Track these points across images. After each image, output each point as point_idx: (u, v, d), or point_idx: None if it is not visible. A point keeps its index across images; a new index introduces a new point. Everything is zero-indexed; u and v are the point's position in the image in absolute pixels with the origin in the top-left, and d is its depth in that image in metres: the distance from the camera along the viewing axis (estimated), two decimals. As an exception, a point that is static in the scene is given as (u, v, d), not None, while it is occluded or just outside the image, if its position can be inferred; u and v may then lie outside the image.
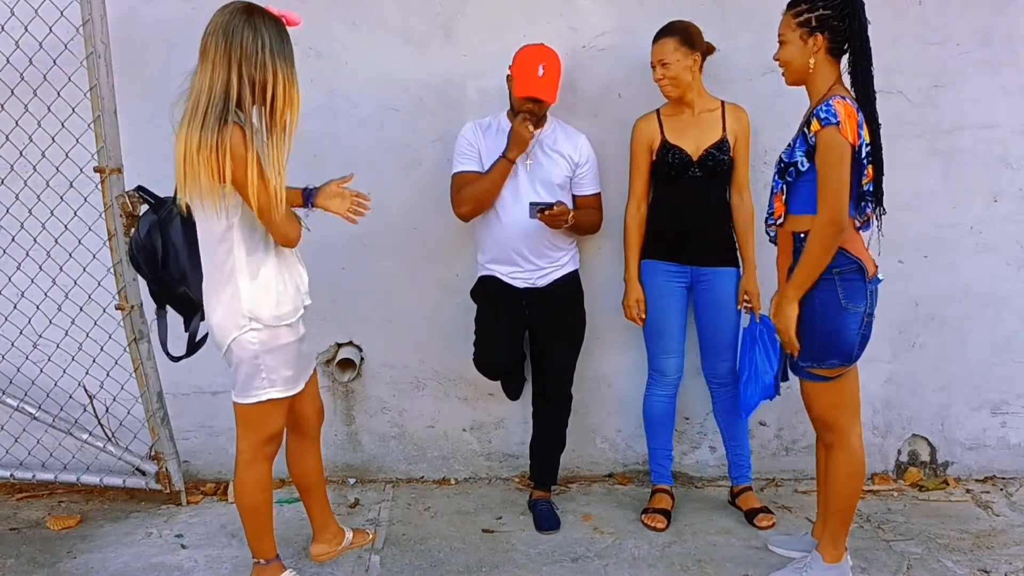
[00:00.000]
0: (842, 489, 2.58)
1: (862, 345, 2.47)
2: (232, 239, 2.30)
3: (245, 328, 2.33)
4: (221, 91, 2.16)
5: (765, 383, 2.88)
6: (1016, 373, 3.44)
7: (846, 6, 2.40)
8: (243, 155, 2.15)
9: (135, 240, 2.52)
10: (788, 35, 2.46)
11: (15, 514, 3.21)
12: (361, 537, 2.95)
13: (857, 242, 2.46)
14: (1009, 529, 3.09)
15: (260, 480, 2.49)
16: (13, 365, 3.25)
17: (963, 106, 3.26)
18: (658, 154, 3.01)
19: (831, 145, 2.34)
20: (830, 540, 2.63)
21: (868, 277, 2.43)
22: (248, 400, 2.42)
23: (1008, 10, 3.21)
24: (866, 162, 2.40)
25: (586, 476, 3.51)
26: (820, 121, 2.35)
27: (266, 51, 2.18)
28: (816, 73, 2.45)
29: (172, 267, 2.47)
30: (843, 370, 2.49)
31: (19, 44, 2.95)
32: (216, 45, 2.17)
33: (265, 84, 2.19)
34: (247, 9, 2.21)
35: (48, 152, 3.05)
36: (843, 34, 2.41)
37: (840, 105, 2.34)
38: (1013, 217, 3.33)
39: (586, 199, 3.07)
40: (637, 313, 3.11)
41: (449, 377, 3.42)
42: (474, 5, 3.17)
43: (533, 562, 2.87)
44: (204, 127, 2.14)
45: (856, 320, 2.43)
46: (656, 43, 2.94)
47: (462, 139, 3.02)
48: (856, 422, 2.59)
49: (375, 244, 3.30)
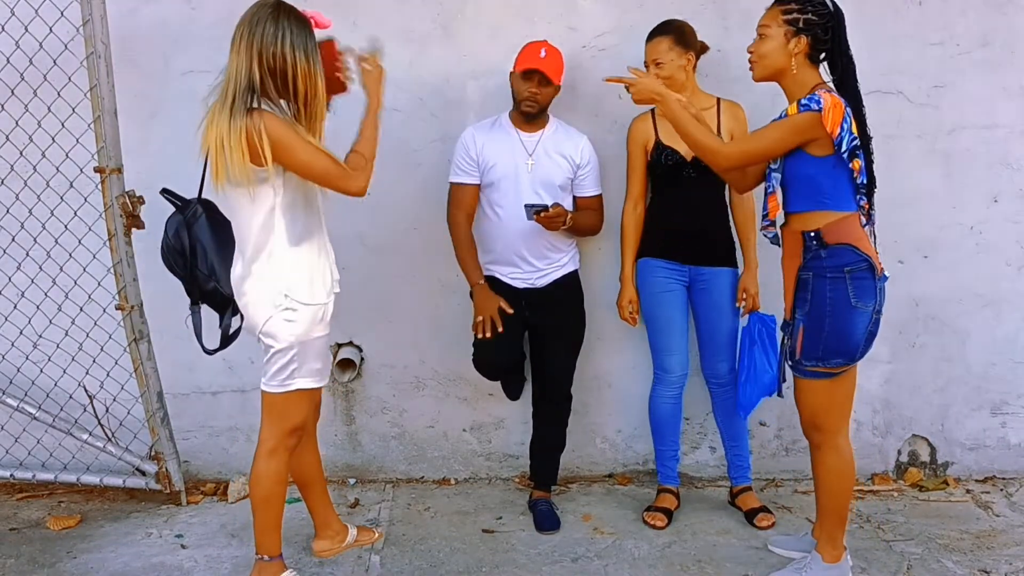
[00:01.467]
0: (834, 490, 2.58)
1: (867, 343, 2.46)
2: (273, 222, 2.35)
3: (281, 306, 2.37)
4: (246, 79, 2.23)
5: (764, 382, 2.88)
6: (1016, 373, 3.44)
7: (831, 20, 2.40)
8: (283, 132, 2.23)
9: (164, 242, 2.57)
10: (772, 30, 2.44)
11: (15, 514, 3.21)
12: (367, 535, 2.95)
13: (864, 240, 2.44)
14: (1009, 529, 3.09)
15: (279, 472, 2.51)
16: (13, 365, 3.25)
17: (963, 106, 3.26)
18: (652, 155, 3.01)
19: (796, 120, 2.35)
20: (828, 540, 2.63)
21: (877, 275, 2.42)
22: (279, 389, 2.45)
23: (1008, 10, 3.21)
24: (855, 155, 2.38)
25: (586, 476, 3.51)
26: (800, 106, 2.34)
27: (285, 44, 2.24)
28: (797, 76, 2.43)
29: (201, 264, 2.52)
30: (844, 368, 2.48)
31: (19, 44, 2.95)
32: (241, 35, 2.26)
33: (286, 75, 2.26)
34: (276, 4, 2.29)
35: (48, 152, 3.05)
36: (823, 44, 2.42)
37: (827, 96, 2.33)
38: (1013, 217, 3.33)
39: (587, 200, 3.08)
40: (630, 313, 3.11)
41: (449, 377, 3.42)
42: (474, 5, 3.17)
43: (533, 562, 2.87)
44: (234, 113, 2.21)
45: (865, 319, 2.42)
46: (649, 43, 2.93)
47: (460, 147, 3.03)
48: (845, 424, 2.58)
49: (375, 244, 3.30)
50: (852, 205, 2.43)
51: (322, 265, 2.47)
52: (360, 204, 3.17)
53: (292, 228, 2.38)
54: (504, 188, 2.98)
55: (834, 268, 2.40)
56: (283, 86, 2.28)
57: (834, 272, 2.40)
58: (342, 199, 2.45)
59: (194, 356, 2.64)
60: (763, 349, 2.92)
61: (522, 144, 2.99)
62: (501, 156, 2.97)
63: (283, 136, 2.23)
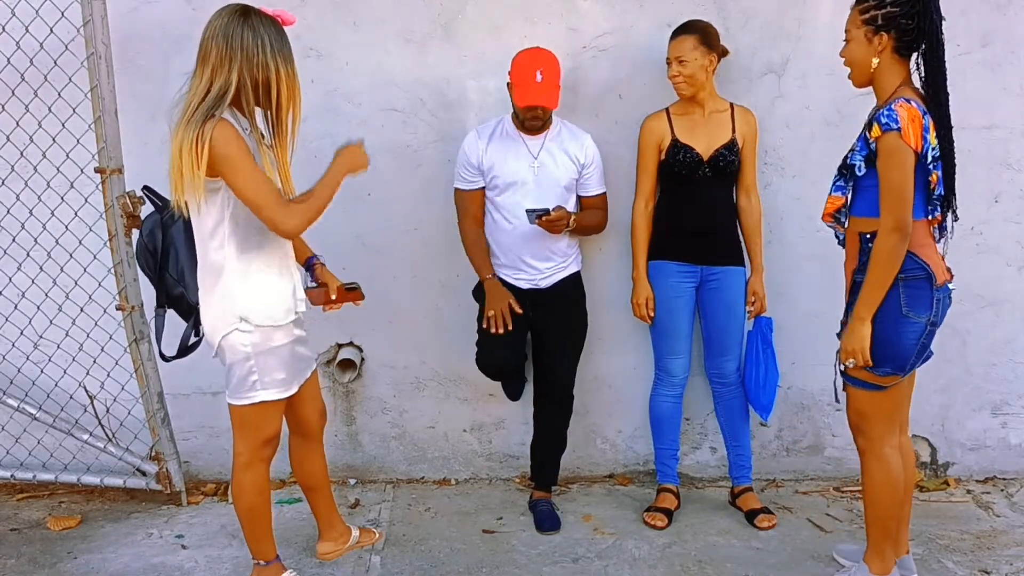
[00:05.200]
0: (876, 500, 2.48)
1: (920, 355, 2.36)
2: (223, 235, 2.28)
3: (234, 327, 2.32)
4: (217, 93, 2.17)
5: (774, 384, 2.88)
6: (1017, 374, 3.43)
7: (917, 3, 2.27)
8: (228, 147, 2.14)
9: (138, 240, 2.52)
10: (853, 32, 2.34)
11: (16, 514, 3.21)
12: (368, 536, 2.94)
13: (928, 247, 2.35)
14: (1010, 530, 3.09)
15: (257, 483, 2.48)
16: (14, 366, 3.26)
17: (963, 106, 3.22)
18: (668, 153, 3.01)
19: (891, 151, 2.24)
20: (875, 551, 2.53)
21: (936, 285, 2.33)
22: (241, 402, 2.40)
23: (1008, 10, 3.20)
24: (932, 167, 2.28)
25: (586, 477, 3.51)
26: (881, 126, 2.24)
27: (267, 51, 2.19)
28: (881, 73, 2.32)
29: (171, 267, 2.47)
30: (894, 379, 2.37)
31: (20, 45, 2.95)
32: (216, 48, 2.17)
33: (268, 84, 2.21)
34: (243, 11, 2.21)
35: (49, 152, 3.05)
36: (912, 33, 2.28)
37: (903, 109, 2.23)
38: (1014, 218, 3.33)
39: (592, 199, 3.07)
40: (646, 312, 3.10)
41: (450, 378, 3.42)
42: (474, 5, 3.17)
43: (533, 562, 2.87)
44: (190, 124, 2.14)
45: (916, 329, 2.32)
46: (674, 39, 2.93)
47: (462, 154, 3.02)
48: (891, 433, 2.45)
49: (375, 244, 3.30)
50: (920, 213, 2.32)
51: (283, 287, 2.39)
52: (360, 204, 3.20)
53: (244, 244, 2.30)
54: (509, 192, 2.97)
55: None
56: (264, 95, 2.22)
57: None
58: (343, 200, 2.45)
59: (194, 356, 2.63)
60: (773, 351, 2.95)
61: (526, 147, 2.98)
62: (506, 160, 2.97)
63: (227, 149, 2.14)
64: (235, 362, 2.36)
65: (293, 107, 2.27)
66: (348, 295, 2.59)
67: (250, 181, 2.18)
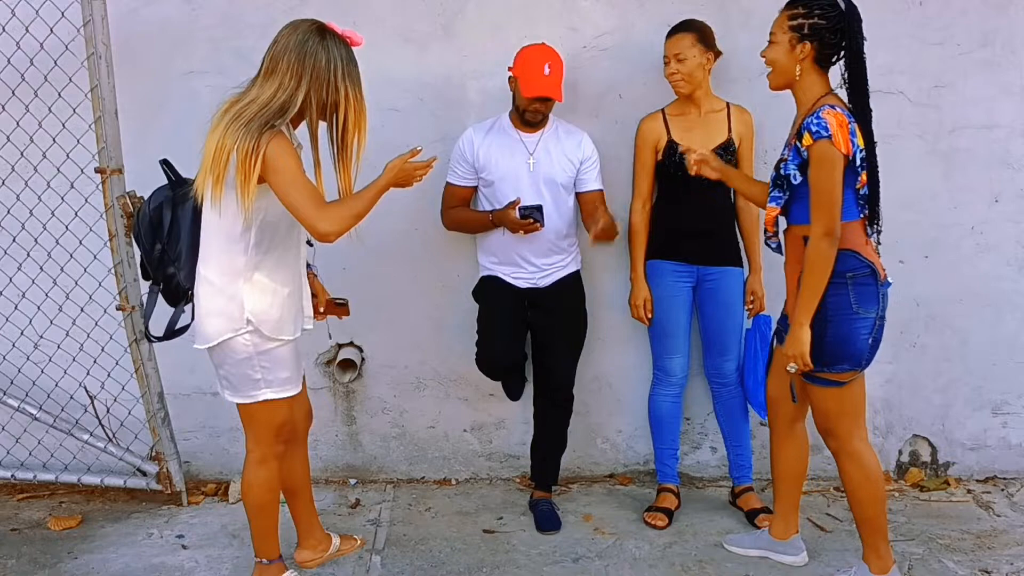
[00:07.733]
0: (859, 498, 2.52)
1: (873, 349, 2.43)
2: (248, 242, 2.29)
3: (241, 331, 2.32)
4: (280, 106, 2.17)
5: None
6: (1017, 373, 3.44)
7: (842, 20, 2.35)
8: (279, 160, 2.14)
9: (142, 211, 2.48)
10: (779, 36, 2.42)
11: (16, 515, 3.21)
12: (349, 543, 2.91)
13: (868, 246, 2.43)
14: (1010, 529, 3.09)
15: (268, 480, 2.48)
16: (14, 366, 3.25)
17: (963, 106, 3.26)
18: (664, 153, 3.01)
19: (823, 159, 2.32)
20: (870, 550, 2.56)
21: (880, 280, 2.41)
22: (247, 400, 2.41)
23: (1008, 10, 3.21)
24: (860, 169, 2.37)
25: (587, 476, 3.51)
26: (812, 135, 2.32)
27: (338, 74, 2.20)
28: (802, 81, 2.41)
29: (171, 245, 2.45)
30: (853, 375, 2.46)
31: (20, 45, 2.95)
32: (288, 63, 2.18)
33: (336, 106, 2.22)
34: (320, 30, 2.22)
35: (49, 153, 3.05)
36: (834, 48, 2.38)
37: (831, 116, 2.31)
38: (1014, 217, 3.33)
39: (589, 195, 3.07)
40: (644, 313, 3.11)
41: (450, 377, 3.42)
42: (474, 5, 3.17)
43: (534, 562, 2.87)
44: (246, 131, 2.13)
45: (867, 325, 2.40)
46: (672, 37, 2.94)
47: (457, 149, 3.04)
48: (858, 427, 2.53)
49: (376, 244, 3.28)
50: (855, 213, 2.41)
51: (292, 302, 2.40)
52: (361, 204, 3.19)
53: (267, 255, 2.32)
54: (505, 189, 2.98)
55: (836, 274, 2.37)
56: (330, 116, 2.23)
57: (836, 278, 2.38)
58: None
59: (195, 357, 2.62)
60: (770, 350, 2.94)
61: (523, 144, 2.99)
62: (501, 157, 2.98)
63: (279, 162, 2.14)
64: (235, 361, 2.36)
65: (359, 132, 2.27)
66: (335, 309, 2.72)
67: (293, 185, 2.17)
